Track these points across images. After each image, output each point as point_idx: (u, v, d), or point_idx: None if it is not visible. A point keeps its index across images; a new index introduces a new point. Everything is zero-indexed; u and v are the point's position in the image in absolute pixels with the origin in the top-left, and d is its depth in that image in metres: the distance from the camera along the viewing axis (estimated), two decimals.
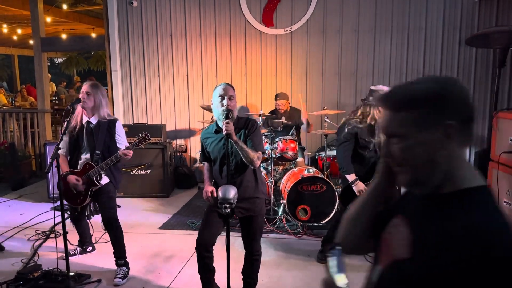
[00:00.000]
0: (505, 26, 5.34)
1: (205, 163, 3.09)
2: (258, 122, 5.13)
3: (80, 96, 3.43)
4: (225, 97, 2.78)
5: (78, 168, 3.47)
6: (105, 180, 3.50)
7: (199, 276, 3.11)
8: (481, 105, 5.85)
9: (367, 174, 3.45)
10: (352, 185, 3.43)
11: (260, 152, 2.87)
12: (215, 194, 2.82)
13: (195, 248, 3.00)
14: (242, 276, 3.15)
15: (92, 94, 3.44)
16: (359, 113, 3.47)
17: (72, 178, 3.40)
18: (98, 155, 3.43)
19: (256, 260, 3.10)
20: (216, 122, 2.94)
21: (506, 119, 4.18)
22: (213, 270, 3.10)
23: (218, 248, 3.15)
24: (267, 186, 4.80)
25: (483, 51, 5.75)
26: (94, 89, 3.45)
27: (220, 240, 4.10)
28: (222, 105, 2.77)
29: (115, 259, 3.54)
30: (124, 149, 3.40)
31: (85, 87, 3.46)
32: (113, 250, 3.56)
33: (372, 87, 3.46)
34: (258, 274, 3.43)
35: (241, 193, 2.80)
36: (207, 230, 2.97)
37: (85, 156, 3.48)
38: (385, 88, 3.40)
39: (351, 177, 3.43)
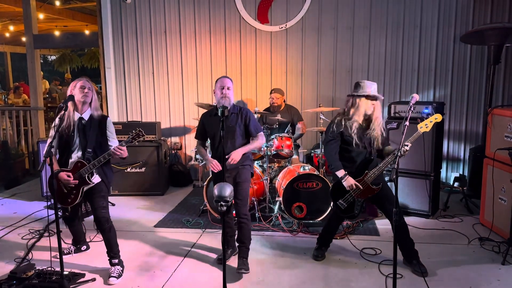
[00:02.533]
0: (499, 23, 5.35)
1: (198, 141, 3.75)
2: None
3: (81, 92, 3.39)
4: (224, 87, 3.54)
5: (69, 167, 3.43)
6: (96, 178, 3.46)
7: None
8: (475, 102, 5.87)
9: (358, 169, 3.52)
10: (342, 181, 3.47)
11: (261, 133, 3.67)
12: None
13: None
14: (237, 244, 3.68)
15: (92, 89, 3.47)
16: (343, 111, 3.59)
17: (63, 175, 3.36)
18: (90, 153, 3.39)
19: (244, 223, 3.57)
20: (216, 107, 3.50)
21: (501, 116, 4.19)
22: (233, 229, 3.75)
23: (215, 245, 3.15)
24: (263, 183, 4.79)
25: (477, 48, 5.76)
26: (90, 84, 3.49)
27: (216, 237, 4.10)
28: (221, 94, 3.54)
29: (108, 258, 3.52)
30: (117, 145, 3.37)
31: (83, 82, 3.42)
32: (106, 250, 3.53)
33: (358, 81, 3.57)
34: (253, 269, 3.43)
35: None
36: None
37: (76, 155, 3.44)
38: (367, 83, 3.47)
39: (340, 173, 3.49)
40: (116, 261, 3.50)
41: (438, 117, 3.32)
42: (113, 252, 3.51)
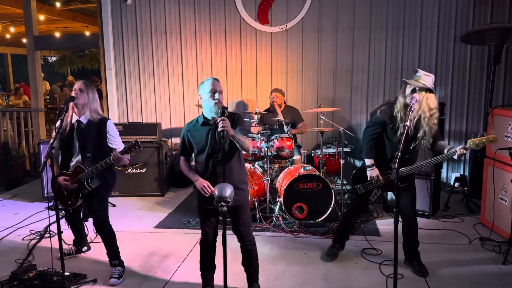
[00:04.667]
0: (499, 23, 5.35)
1: (182, 157, 3.10)
2: (255, 120, 5.17)
3: (73, 93, 3.39)
4: (216, 90, 2.89)
5: (70, 170, 3.43)
6: (96, 182, 3.44)
7: (200, 273, 3.18)
8: (476, 102, 5.87)
9: (385, 162, 3.37)
10: (367, 169, 3.40)
11: (250, 138, 3.03)
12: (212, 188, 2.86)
13: (200, 242, 3.14)
14: (243, 268, 3.18)
15: (84, 91, 3.41)
16: (395, 100, 3.31)
17: (61, 179, 3.37)
18: (89, 158, 3.36)
19: (251, 250, 3.11)
20: (203, 114, 2.99)
21: (501, 116, 4.20)
22: (213, 267, 3.21)
23: (216, 245, 3.15)
24: (264, 184, 4.80)
25: (478, 48, 5.76)
26: (86, 86, 3.43)
27: (217, 238, 4.07)
28: (214, 98, 2.87)
29: (109, 259, 3.52)
30: (116, 152, 3.32)
31: (77, 84, 3.43)
32: (107, 251, 3.54)
33: (416, 69, 3.26)
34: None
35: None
36: (207, 226, 3.09)
37: (76, 159, 3.43)
38: (422, 73, 3.16)
39: (369, 162, 3.40)
40: (117, 262, 3.50)
41: (493, 139, 3.06)
42: (113, 253, 3.51)
